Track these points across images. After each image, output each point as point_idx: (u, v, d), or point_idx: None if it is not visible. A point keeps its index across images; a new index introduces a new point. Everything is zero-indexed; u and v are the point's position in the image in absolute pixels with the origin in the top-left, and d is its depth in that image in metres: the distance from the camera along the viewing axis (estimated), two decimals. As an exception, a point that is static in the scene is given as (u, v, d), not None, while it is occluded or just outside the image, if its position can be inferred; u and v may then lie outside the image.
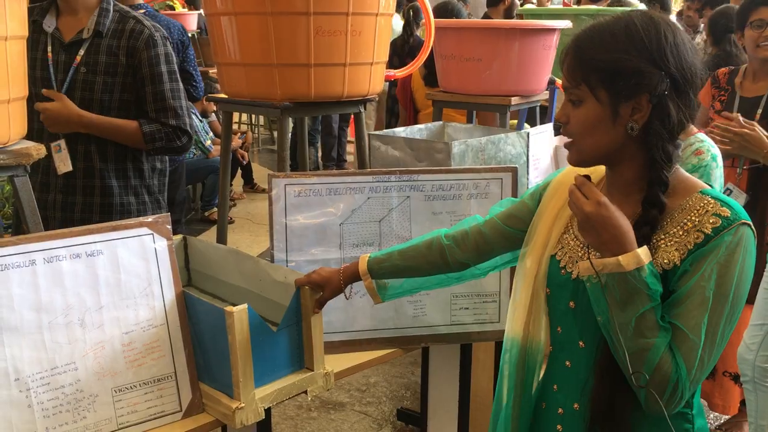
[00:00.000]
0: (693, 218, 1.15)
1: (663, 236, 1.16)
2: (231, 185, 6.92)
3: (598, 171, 1.35)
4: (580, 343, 1.25)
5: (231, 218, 6.32)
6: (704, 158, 1.97)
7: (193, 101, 2.18)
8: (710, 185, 1.26)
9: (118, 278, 1.53)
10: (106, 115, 2.14)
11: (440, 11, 3.67)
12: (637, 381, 1.11)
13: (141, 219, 1.59)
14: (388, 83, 3.98)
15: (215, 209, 6.51)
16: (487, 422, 1.47)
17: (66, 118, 2.05)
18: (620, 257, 1.09)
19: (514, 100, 2.99)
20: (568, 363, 1.27)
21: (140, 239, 1.57)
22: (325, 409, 3.22)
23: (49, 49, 2.14)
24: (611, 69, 1.15)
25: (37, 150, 1.62)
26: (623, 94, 1.15)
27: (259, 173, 6.70)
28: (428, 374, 2.41)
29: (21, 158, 1.59)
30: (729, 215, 1.13)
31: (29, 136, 1.80)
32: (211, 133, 6.53)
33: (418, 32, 4.83)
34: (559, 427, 1.29)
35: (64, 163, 2.10)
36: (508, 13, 4.81)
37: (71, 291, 1.48)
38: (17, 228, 2.24)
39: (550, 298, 1.30)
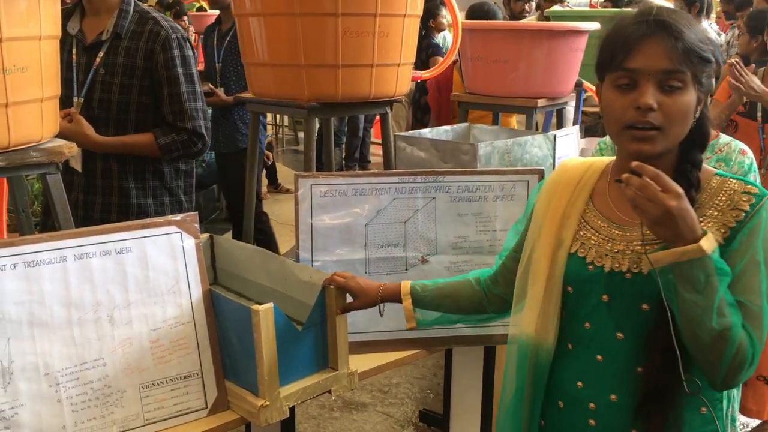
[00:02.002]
0: (724, 198, 1.20)
1: (701, 218, 1.18)
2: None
3: (596, 162, 1.36)
4: (618, 335, 1.24)
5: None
6: (747, 158, 2.03)
7: None
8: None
9: (147, 275, 1.55)
10: (124, 116, 2.16)
11: (476, 12, 3.66)
12: (718, 361, 1.13)
13: (169, 217, 1.61)
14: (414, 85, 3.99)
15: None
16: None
17: (81, 141, 2.06)
18: (701, 243, 1.10)
19: (541, 102, 2.97)
20: (599, 357, 1.27)
21: (168, 237, 1.59)
22: (347, 410, 3.23)
23: (74, 51, 2.17)
24: (705, 57, 1.17)
25: (69, 148, 1.64)
26: (705, 83, 1.19)
27: (283, 173, 6.73)
28: (451, 376, 2.41)
29: (53, 156, 1.61)
30: (758, 192, 1.20)
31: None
32: (236, 133, 6.59)
33: (436, 35, 4.84)
34: (592, 422, 1.28)
35: (76, 162, 2.13)
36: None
37: (100, 287, 1.50)
38: (44, 225, 2.27)
39: (572, 295, 1.29)
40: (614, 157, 1.35)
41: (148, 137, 2.17)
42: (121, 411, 1.50)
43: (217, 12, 3.97)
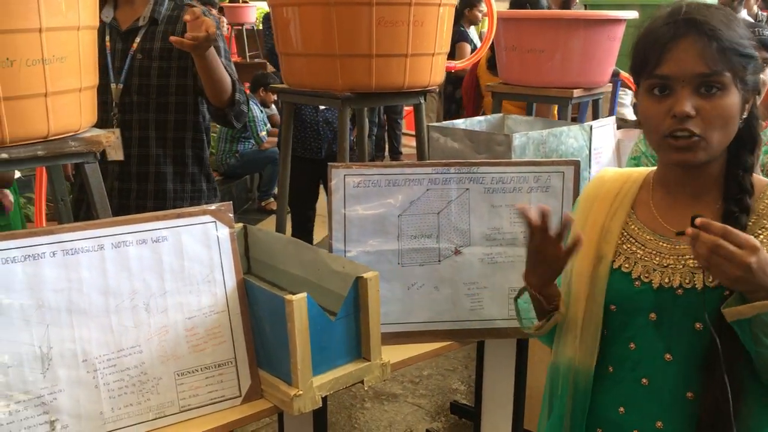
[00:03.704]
0: None
1: (759, 231, 1.12)
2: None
3: (635, 173, 1.29)
4: (667, 356, 1.18)
5: (288, 209, 6.40)
6: None
7: None
8: None
9: (182, 264, 1.56)
10: (164, 99, 2.19)
11: (519, 1, 3.62)
12: None
13: (204, 207, 1.62)
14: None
15: (272, 199, 6.60)
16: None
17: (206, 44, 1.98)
18: None
19: (576, 93, 2.93)
20: (645, 381, 1.20)
21: (204, 227, 1.60)
22: (378, 400, 3.24)
23: (107, 38, 2.20)
24: (746, 53, 1.09)
25: (107, 138, 1.66)
26: (750, 80, 1.11)
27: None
28: (483, 368, 2.39)
29: (91, 146, 1.63)
30: None
31: None
32: (269, 125, 6.62)
33: (468, 27, 4.80)
34: None
35: (115, 151, 2.16)
36: (566, 4, 4.74)
37: (137, 276, 1.51)
38: (75, 217, 2.30)
39: (616, 314, 1.22)
40: (653, 168, 1.29)
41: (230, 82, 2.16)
42: (157, 398, 1.51)
43: (248, 4, 3.99)
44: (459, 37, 4.72)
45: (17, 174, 2.42)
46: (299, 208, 3.95)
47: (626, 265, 1.22)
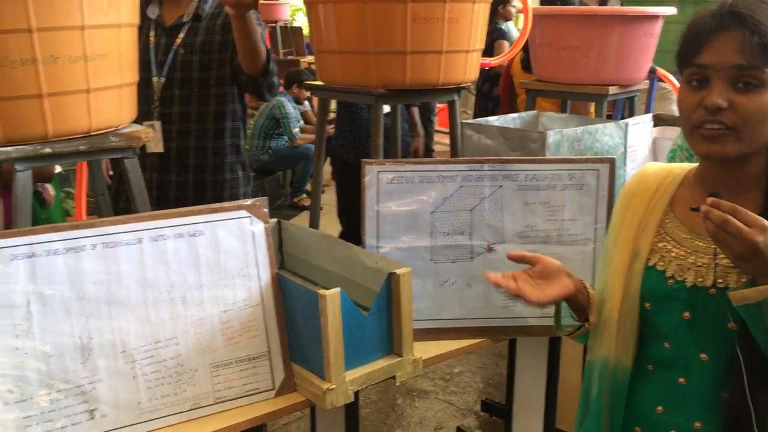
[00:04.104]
0: None
1: None
2: (320, 172, 7.04)
3: (675, 169, 1.28)
4: (702, 356, 1.17)
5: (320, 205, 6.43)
6: None
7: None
8: None
9: (218, 258, 1.59)
10: (205, 92, 2.23)
11: None
12: None
13: (240, 202, 1.64)
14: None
15: (304, 196, 6.65)
16: (574, 418, 1.42)
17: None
18: None
19: (612, 90, 2.90)
20: (682, 380, 1.19)
21: (239, 221, 1.62)
22: (409, 396, 3.25)
23: (152, 34, 2.25)
24: None
25: (146, 133, 1.70)
26: None
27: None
28: (515, 366, 2.38)
29: (131, 141, 1.67)
30: None
31: None
32: (302, 121, 6.66)
33: (502, 23, 4.76)
34: None
35: (155, 144, 2.20)
36: (603, 1, 4.68)
37: (174, 269, 1.54)
38: (115, 209, 2.35)
39: (651, 312, 1.21)
40: (695, 165, 1.27)
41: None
42: (193, 389, 1.54)
43: (282, 2, 4.01)
44: (498, 34, 4.70)
45: (57, 169, 2.48)
46: (352, 218, 3.67)
47: (661, 263, 1.21)
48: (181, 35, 2.24)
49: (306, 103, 6.99)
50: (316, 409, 2.03)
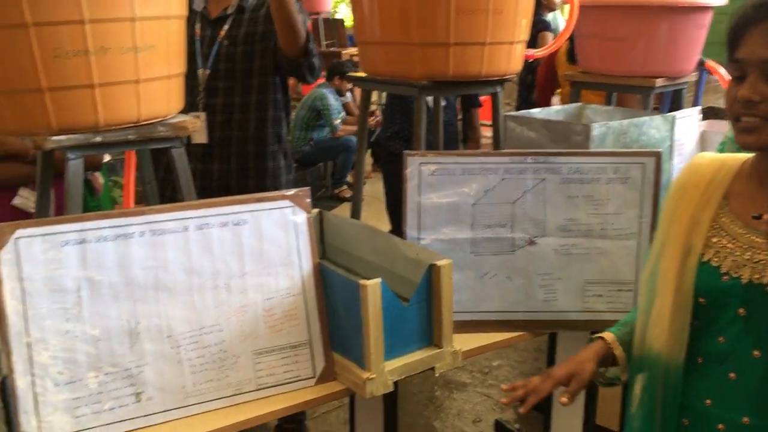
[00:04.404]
0: None
1: None
2: (361, 164, 7.07)
3: (730, 160, 1.25)
4: (755, 352, 1.16)
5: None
6: None
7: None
8: None
9: (261, 247, 1.61)
10: (248, 82, 2.26)
11: None
12: None
13: (283, 192, 1.66)
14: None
15: (345, 187, 6.68)
16: (614, 414, 1.42)
17: None
18: None
19: (659, 82, 2.84)
20: (732, 375, 1.18)
21: (282, 211, 1.64)
22: (447, 388, 3.25)
23: (198, 26, 2.29)
24: None
25: (192, 123, 1.73)
26: None
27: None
28: (555, 361, 2.37)
29: (178, 131, 1.70)
30: None
31: None
32: (343, 113, 6.69)
33: (546, 14, 4.69)
34: None
35: (200, 135, 2.24)
36: None
37: (219, 257, 1.57)
38: (162, 194, 2.40)
39: (705, 307, 1.20)
40: (751, 155, 1.24)
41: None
42: (236, 375, 1.57)
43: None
44: (542, 26, 4.63)
45: (106, 158, 2.54)
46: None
47: (715, 259, 1.20)
48: (226, 27, 2.28)
49: (348, 94, 7.01)
50: (356, 398, 2.05)
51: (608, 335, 1.41)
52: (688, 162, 1.32)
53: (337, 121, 6.47)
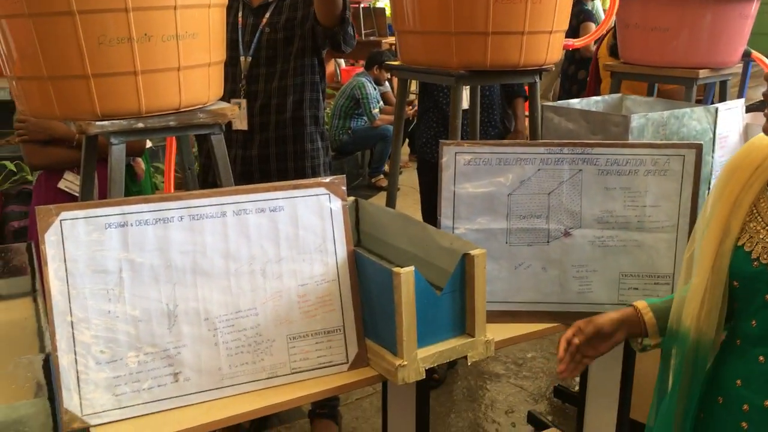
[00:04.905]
0: None
1: None
2: (398, 153, 7.08)
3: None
4: None
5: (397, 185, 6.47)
6: None
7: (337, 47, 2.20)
8: None
9: (297, 233, 1.63)
10: (287, 66, 2.29)
11: None
12: None
13: (319, 180, 1.68)
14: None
15: (381, 176, 6.70)
16: (648, 409, 1.42)
17: None
18: None
19: (703, 73, 2.78)
20: (761, 358, 1.19)
21: (317, 198, 1.66)
22: (481, 379, 3.25)
23: (240, 14, 2.32)
24: None
25: (232, 110, 1.75)
26: None
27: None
28: (589, 353, 2.35)
29: (218, 117, 1.73)
30: None
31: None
32: (381, 102, 6.70)
33: (588, 2, 4.62)
34: (744, 424, 1.21)
35: (240, 121, 2.27)
36: None
37: (255, 242, 1.60)
38: (204, 182, 2.44)
39: (739, 290, 1.21)
40: None
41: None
42: (270, 359, 1.60)
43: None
44: (584, 16, 4.57)
45: (148, 144, 2.59)
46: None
47: (748, 244, 1.20)
48: (267, 15, 2.30)
49: (386, 84, 7.01)
50: (388, 386, 2.07)
51: (640, 303, 1.43)
52: (747, 143, 1.31)
53: (375, 111, 6.48)
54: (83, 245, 1.45)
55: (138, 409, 1.48)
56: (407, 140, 6.58)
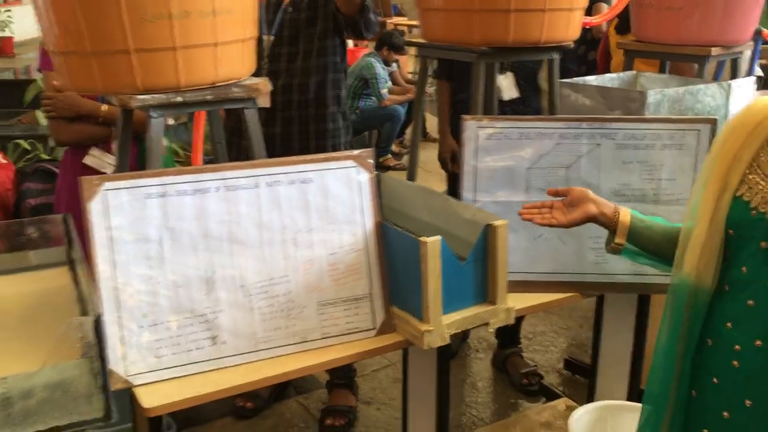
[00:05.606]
0: None
1: None
2: (404, 134, 7.11)
3: None
4: None
5: (403, 165, 6.52)
6: None
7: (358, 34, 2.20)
8: None
9: (326, 204, 1.70)
10: (310, 47, 2.32)
11: None
12: None
13: (348, 152, 1.74)
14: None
15: (389, 156, 6.74)
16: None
17: None
18: None
19: (715, 51, 2.82)
20: (750, 302, 1.28)
21: (346, 171, 1.72)
22: (491, 351, 3.32)
23: None
24: None
25: (264, 85, 1.81)
26: None
27: (432, 122, 6.82)
28: (602, 324, 2.41)
29: (251, 92, 1.78)
30: None
31: None
32: (389, 82, 6.73)
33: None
34: (735, 363, 1.30)
35: (264, 99, 2.30)
36: None
37: (287, 213, 1.66)
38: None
39: (734, 238, 1.30)
40: None
41: None
42: (302, 324, 1.67)
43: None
44: None
45: (170, 121, 2.64)
46: None
47: (747, 194, 1.29)
48: None
49: (394, 65, 7.04)
50: (409, 355, 2.13)
51: (624, 208, 1.60)
52: (746, 104, 1.38)
53: (384, 90, 6.51)
54: (126, 214, 1.52)
55: (178, 370, 1.55)
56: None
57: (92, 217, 1.49)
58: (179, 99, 1.63)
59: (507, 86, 2.55)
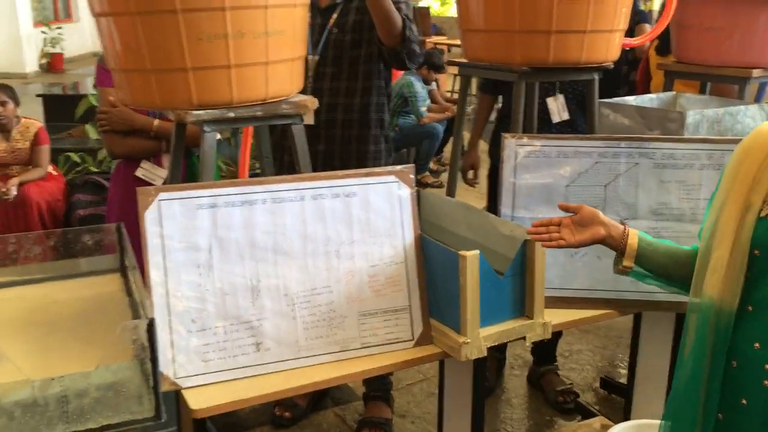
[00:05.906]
0: None
1: None
2: (442, 151, 7.17)
3: None
4: None
5: (440, 182, 6.56)
6: None
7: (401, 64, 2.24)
8: None
9: (368, 218, 1.75)
10: (355, 69, 2.37)
11: None
12: None
13: (389, 168, 1.79)
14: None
15: (427, 173, 6.79)
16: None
17: None
18: None
19: (756, 73, 2.82)
20: None
21: (387, 186, 1.78)
22: (527, 368, 3.33)
23: (308, 14, 2.42)
24: None
25: (312, 102, 1.88)
26: None
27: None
28: (638, 344, 2.41)
29: (299, 109, 1.85)
30: None
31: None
32: (428, 101, 6.79)
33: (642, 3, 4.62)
34: (766, 382, 1.30)
35: (308, 116, 2.37)
36: None
37: (330, 225, 1.72)
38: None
39: (759, 258, 1.31)
40: None
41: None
42: (342, 333, 1.72)
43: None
44: (640, 17, 4.58)
45: (217, 136, 2.72)
46: None
47: None
48: (335, 15, 2.40)
49: (433, 84, 7.11)
50: (446, 368, 2.16)
51: (633, 230, 1.60)
52: (756, 127, 1.40)
53: (423, 109, 6.58)
54: (178, 223, 1.59)
55: (224, 374, 1.61)
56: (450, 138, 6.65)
57: (147, 225, 1.57)
58: (231, 114, 1.71)
59: (556, 109, 2.58)
